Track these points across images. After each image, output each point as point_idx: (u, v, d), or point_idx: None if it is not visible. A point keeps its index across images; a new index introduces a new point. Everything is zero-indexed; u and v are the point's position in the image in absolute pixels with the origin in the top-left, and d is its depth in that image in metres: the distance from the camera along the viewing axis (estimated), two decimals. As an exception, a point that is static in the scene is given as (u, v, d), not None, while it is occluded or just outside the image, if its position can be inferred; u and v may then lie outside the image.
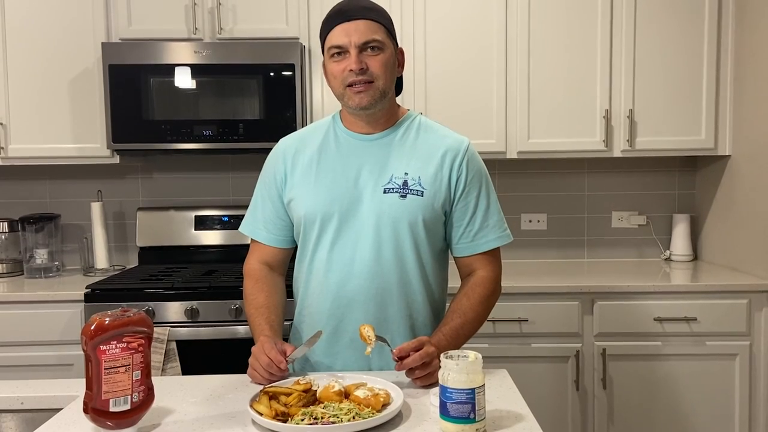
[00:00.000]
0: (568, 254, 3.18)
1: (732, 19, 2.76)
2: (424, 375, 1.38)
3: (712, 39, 2.77)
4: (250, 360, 1.43)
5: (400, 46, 1.58)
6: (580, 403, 2.58)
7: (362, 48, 1.46)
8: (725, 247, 2.90)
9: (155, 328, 2.40)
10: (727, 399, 2.57)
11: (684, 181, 3.17)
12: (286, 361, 1.38)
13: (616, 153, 2.82)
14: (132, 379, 1.17)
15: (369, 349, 1.40)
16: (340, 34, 1.46)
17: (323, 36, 1.52)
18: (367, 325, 1.41)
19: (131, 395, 1.17)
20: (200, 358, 2.47)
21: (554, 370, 2.58)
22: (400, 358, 1.37)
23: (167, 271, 2.83)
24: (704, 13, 2.76)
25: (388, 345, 1.42)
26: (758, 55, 2.61)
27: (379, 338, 1.41)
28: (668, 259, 3.11)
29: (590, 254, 3.19)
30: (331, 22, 1.49)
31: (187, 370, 2.42)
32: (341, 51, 1.47)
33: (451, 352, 1.21)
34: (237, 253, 1.71)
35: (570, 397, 2.58)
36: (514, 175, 3.15)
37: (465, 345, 1.54)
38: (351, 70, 1.45)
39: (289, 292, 1.69)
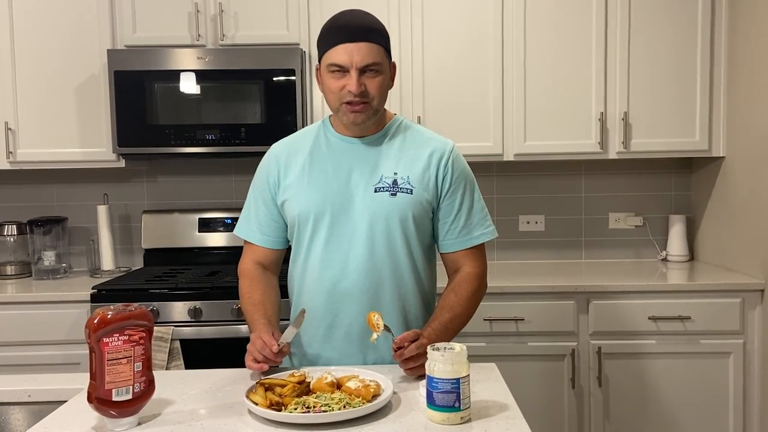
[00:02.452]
0: (566, 255, 3.22)
1: (725, 23, 2.81)
2: (417, 366, 1.44)
3: (706, 42, 2.81)
4: (248, 347, 1.48)
5: (393, 60, 1.62)
6: (576, 401, 2.62)
7: (362, 70, 1.51)
8: (720, 247, 2.94)
9: (159, 328, 2.47)
10: (721, 397, 2.60)
11: (680, 182, 3.21)
12: (278, 344, 1.43)
13: (612, 155, 2.86)
14: (133, 370, 1.23)
15: (374, 336, 1.44)
16: (342, 54, 1.50)
17: (323, 47, 1.55)
18: (376, 312, 1.46)
19: (133, 385, 1.23)
20: (203, 356, 2.52)
21: (550, 369, 2.62)
22: (399, 348, 1.42)
23: (171, 272, 2.90)
24: (697, 16, 2.81)
25: (392, 334, 1.47)
26: (751, 58, 2.66)
27: (385, 327, 1.45)
28: (665, 260, 3.15)
29: (587, 255, 3.23)
30: (333, 37, 1.52)
31: (190, 368, 2.47)
32: (341, 69, 1.51)
33: (437, 344, 1.27)
34: (239, 255, 1.76)
35: (566, 395, 2.62)
36: (512, 177, 3.20)
37: (458, 340, 1.59)
38: (350, 91, 1.50)
39: (283, 293, 1.73)
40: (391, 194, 1.57)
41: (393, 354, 1.44)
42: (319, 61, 1.58)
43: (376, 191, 1.57)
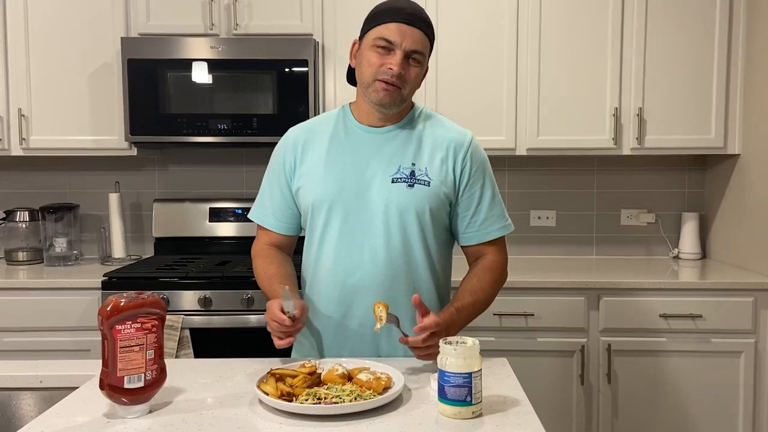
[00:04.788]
0: (577, 251, 3.21)
1: (743, 18, 2.77)
2: (426, 354, 1.43)
3: (723, 38, 2.78)
4: (267, 328, 1.48)
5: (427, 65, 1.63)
6: (585, 397, 2.61)
7: (407, 54, 1.52)
8: (733, 245, 2.92)
9: (170, 316, 2.48)
10: (731, 396, 2.59)
11: (693, 179, 3.19)
12: (288, 316, 1.42)
13: (626, 151, 2.84)
14: (145, 358, 1.23)
15: (378, 326, 1.43)
16: (395, 32, 1.51)
17: (374, 23, 1.55)
18: (381, 303, 1.44)
19: (145, 373, 1.23)
20: (213, 345, 2.53)
21: (559, 365, 2.61)
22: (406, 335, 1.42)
23: (182, 261, 2.90)
24: (715, 11, 2.78)
25: (399, 329, 1.45)
26: (768, 55, 2.63)
27: (389, 320, 1.43)
28: (676, 257, 3.13)
29: (598, 251, 3.21)
30: (390, 14, 1.52)
31: (199, 357, 2.48)
32: (388, 47, 1.52)
33: (449, 338, 1.26)
34: (250, 245, 1.75)
35: (575, 391, 2.61)
36: (524, 172, 3.19)
37: (470, 335, 1.58)
38: (390, 68, 1.51)
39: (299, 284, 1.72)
40: (409, 185, 1.56)
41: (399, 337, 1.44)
42: (362, 36, 1.58)
43: (393, 182, 1.56)
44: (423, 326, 1.40)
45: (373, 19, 1.55)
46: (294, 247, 1.75)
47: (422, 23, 1.54)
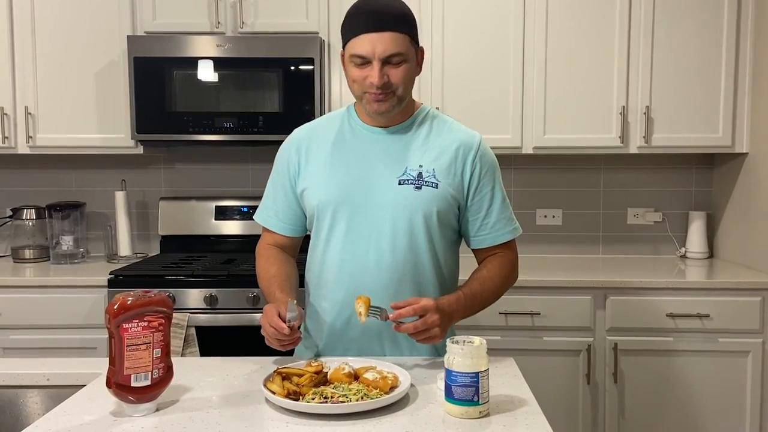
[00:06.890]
0: (583, 250, 3.19)
1: (751, 16, 2.75)
2: (423, 335, 1.43)
3: (731, 36, 2.76)
4: (262, 332, 1.46)
5: (420, 45, 1.57)
6: (591, 397, 2.61)
7: (385, 61, 1.47)
8: (741, 245, 2.90)
9: (175, 314, 2.47)
10: (738, 396, 2.57)
11: (701, 178, 3.17)
12: (287, 324, 1.40)
13: (632, 149, 2.83)
14: (152, 357, 1.24)
15: (362, 320, 1.42)
16: (364, 44, 1.45)
17: (346, 36, 1.51)
18: (362, 298, 1.42)
19: (151, 372, 1.23)
20: (218, 343, 2.53)
21: (566, 364, 2.60)
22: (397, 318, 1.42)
23: (188, 259, 2.91)
24: (723, 9, 2.76)
25: (384, 320, 1.44)
26: (777, 53, 2.61)
27: (374, 313, 1.42)
28: (683, 257, 3.11)
29: (605, 250, 3.20)
30: (356, 26, 1.47)
31: (205, 355, 2.49)
32: (364, 60, 1.47)
33: (456, 338, 1.25)
34: (256, 243, 1.75)
35: (581, 391, 2.61)
36: (530, 171, 3.18)
37: (475, 333, 1.57)
38: (372, 82, 1.47)
39: (300, 283, 1.70)
40: (416, 188, 1.53)
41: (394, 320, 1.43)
42: (344, 47, 1.53)
43: (400, 183, 1.54)
44: (398, 314, 1.40)
45: (345, 31, 1.50)
46: (298, 248, 1.74)
47: (391, 22, 1.46)
